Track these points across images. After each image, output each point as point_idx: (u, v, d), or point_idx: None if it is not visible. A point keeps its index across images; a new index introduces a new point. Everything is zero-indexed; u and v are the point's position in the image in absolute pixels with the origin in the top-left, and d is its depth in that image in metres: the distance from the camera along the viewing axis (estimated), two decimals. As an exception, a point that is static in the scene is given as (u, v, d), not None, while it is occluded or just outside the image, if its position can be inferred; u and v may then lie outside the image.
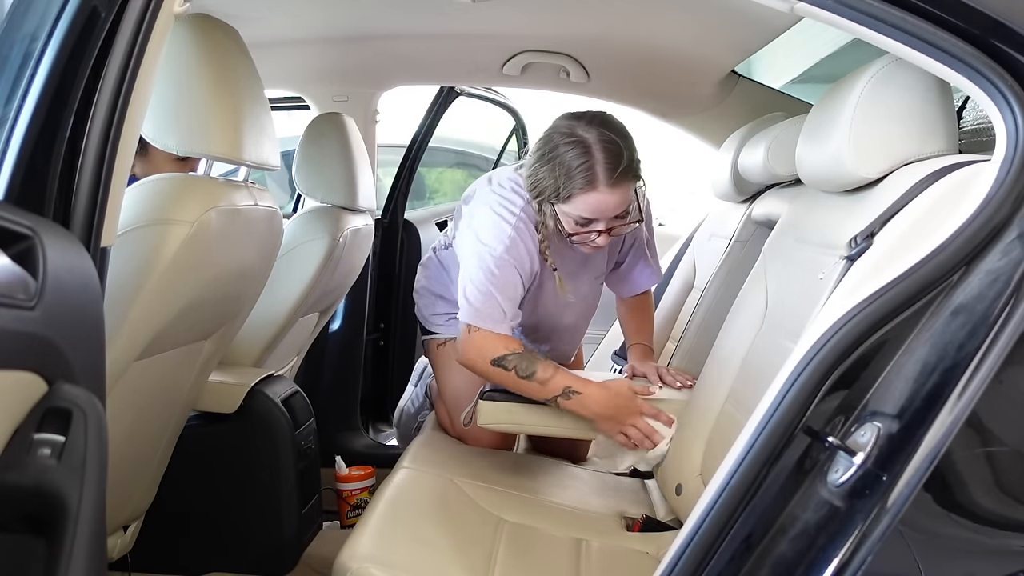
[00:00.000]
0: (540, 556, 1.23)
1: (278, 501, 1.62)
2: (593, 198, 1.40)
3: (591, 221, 1.44)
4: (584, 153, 1.39)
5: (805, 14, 0.85)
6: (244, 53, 1.20)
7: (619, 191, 1.41)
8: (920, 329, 0.78)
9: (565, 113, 1.48)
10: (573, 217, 1.45)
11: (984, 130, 1.24)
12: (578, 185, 1.39)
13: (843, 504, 0.75)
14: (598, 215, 1.43)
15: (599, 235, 1.46)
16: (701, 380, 1.45)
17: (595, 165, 1.38)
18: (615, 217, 1.46)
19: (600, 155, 1.38)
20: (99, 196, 0.76)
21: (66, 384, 0.64)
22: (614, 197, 1.41)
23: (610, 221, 1.46)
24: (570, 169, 1.39)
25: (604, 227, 1.45)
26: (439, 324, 1.82)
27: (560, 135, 1.43)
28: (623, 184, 1.40)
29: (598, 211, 1.43)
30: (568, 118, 1.46)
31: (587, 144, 1.39)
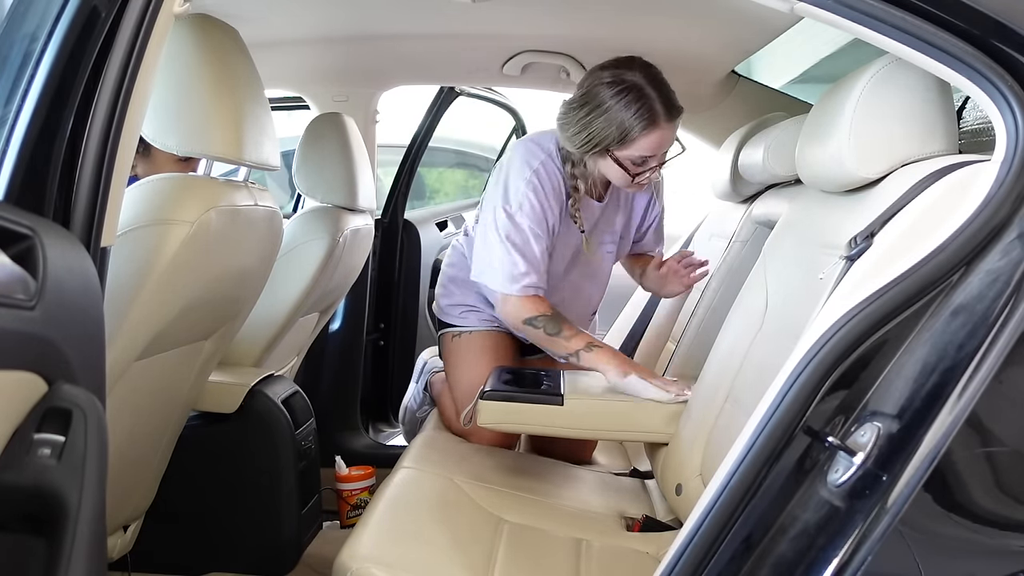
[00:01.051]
0: (540, 556, 1.23)
1: (278, 501, 1.62)
2: (655, 135, 1.48)
3: (647, 159, 1.52)
4: (640, 96, 1.46)
5: (805, 14, 0.85)
6: (244, 53, 1.20)
7: (675, 124, 1.50)
8: (920, 329, 0.78)
9: (599, 66, 1.53)
10: (633, 159, 1.52)
11: (984, 130, 1.24)
12: (641, 126, 1.46)
13: (843, 504, 0.75)
14: (657, 151, 1.52)
15: (653, 170, 1.55)
16: (701, 380, 1.45)
17: (654, 104, 1.46)
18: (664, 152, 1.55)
19: (655, 93, 1.46)
20: (99, 196, 0.76)
21: (66, 384, 0.64)
22: (671, 131, 1.50)
23: (663, 156, 1.55)
24: (628, 113, 1.46)
25: (657, 161, 1.54)
26: (454, 316, 1.82)
27: (606, 85, 1.48)
28: (676, 117, 1.50)
29: (659, 146, 1.51)
30: (608, 67, 1.50)
31: (639, 87, 1.46)
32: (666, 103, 1.47)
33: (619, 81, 1.47)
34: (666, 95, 1.48)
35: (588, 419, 1.50)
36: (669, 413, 1.48)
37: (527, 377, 1.63)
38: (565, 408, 1.48)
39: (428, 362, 2.07)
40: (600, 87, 1.48)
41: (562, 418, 1.48)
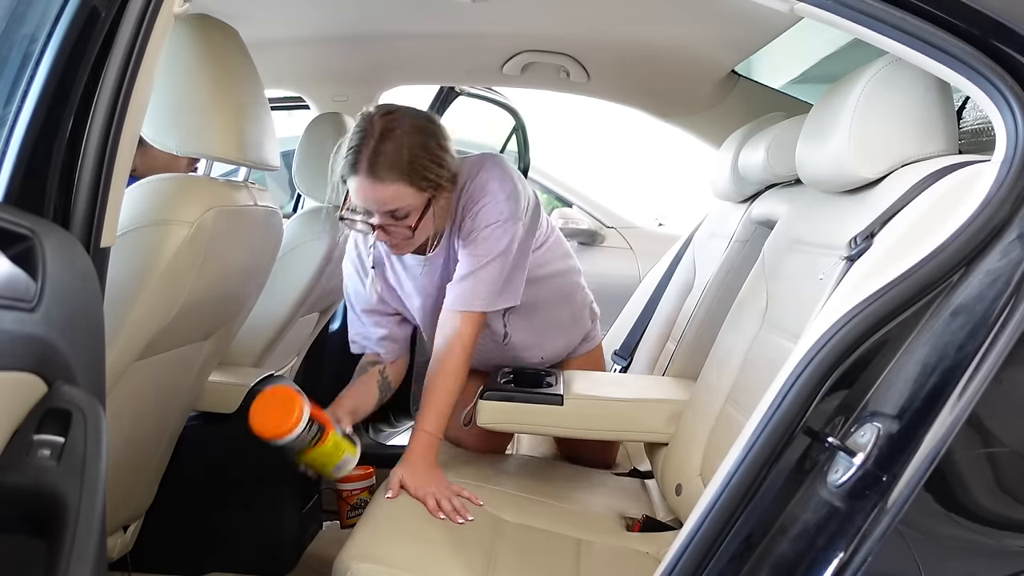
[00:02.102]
0: (540, 556, 1.23)
1: (278, 501, 1.62)
2: (353, 183, 1.33)
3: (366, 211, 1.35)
4: (362, 137, 1.32)
5: (805, 14, 0.85)
6: (244, 53, 1.20)
7: (380, 185, 1.31)
8: (920, 329, 0.78)
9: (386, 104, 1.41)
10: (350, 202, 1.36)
11: (984, 130, 1.23)
12: (347, 167, 1.33)
13: (843, 504, 0.75)
14: (363, 204, 1.34)
15: (372, 229, 1.35)
16: (701, 380, 1.45)
17: (362, 151, 1.31)
18: (390, 215, 1.34)
19: (372, 143, 1.31)
20: (99, 196, 0.76)
21: (66, 385, 0.64)
22: (373, 189, 1.31)
23: (384, 217, 1.34)
24: (347, 150, 1.33)
25: (377, 222, 1.34)
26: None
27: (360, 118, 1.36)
28: (385, 181, 1.30)
29: (361, 198, 1.33)
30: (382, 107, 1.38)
31: (370, 131, 1.32)
32: (372, 158, 1.30)
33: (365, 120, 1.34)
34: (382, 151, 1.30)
35: (588, 419, 1.50)
36: (669, 413, 1.48)
37: (527, 377, 1.64)
38: (565, 408, 1.48)
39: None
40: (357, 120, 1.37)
41: (562, 418, 1.48)
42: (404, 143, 1.32)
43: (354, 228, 1.40)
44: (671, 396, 1.53)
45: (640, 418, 1.50)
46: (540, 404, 1.48)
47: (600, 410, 1.51)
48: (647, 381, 1.84)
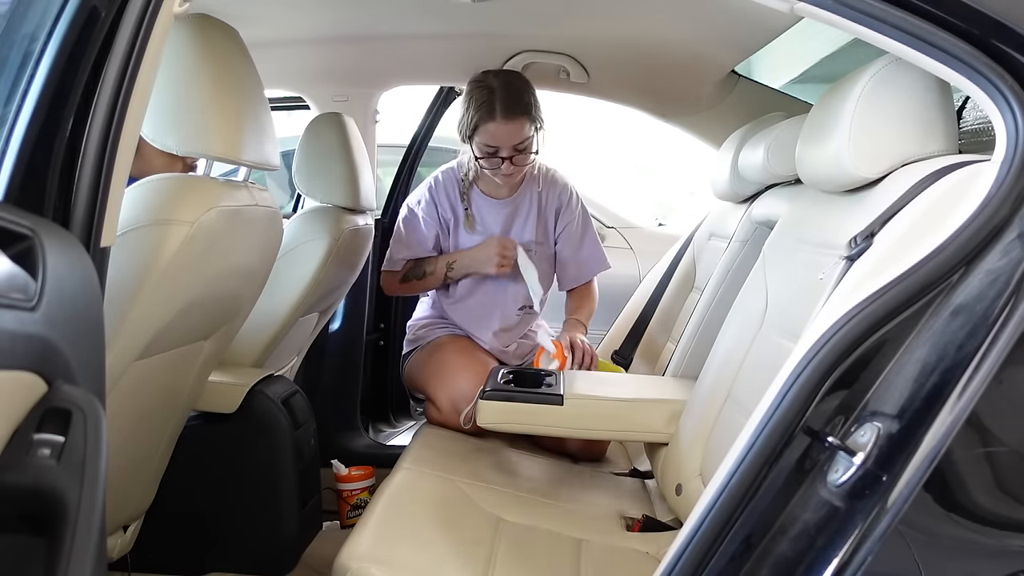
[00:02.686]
0: (540, 556, 1.23)
1: (278, 501, 1.62)
2: (492, 127, 1.79)
3: (495, 150, 1.82)
4: (487, 93, 1.79)
5: (805, 14, 0.85)
6: (244, 53, 1.20)
7: (513, 123, 1.79)
8: (920, 329, 0.78)
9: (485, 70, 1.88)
10: (481, 146, 1.83)
11: (984, 130, 1.24)
12: (482, 117, 1.79)
13: (843, 504, 0.75)
14: (498, 143, 1.81)
15: (503, 162, 1.83)
16: (701, 380, 1.45)
17: (495, 101, 1.78)
18: (515, 149, 1.82)
19: (500, 93, 1.78)
20: (99, 196, 0.76)
21: (66, 384, 0.64)
22: (508, 127, 1.79)
23: (511, 151, 1.82)
24: (477, 105, 1.80)
25: (506, 155, 1.82)
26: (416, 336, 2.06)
27: (473, 83, 1.84)
28: (517, 118, 1.79)
29: (497, 139, 1.80)
30: (483, 72, 1.86)
31: (491, 87, 1.80)
32: (507, 103, 1.77)
33: (480, 81, 1.82)
34: (509, 96, 1.78)
35: (588, 419, 1.50)
36: (669, 413, 1.48)
37: (527, 377, 1.64)
38: (565, 408, 1.48)
39: None
40: (470, 85, 1.85)
41: (562, 418, 1.49)
42: (524, 88, 1.83)
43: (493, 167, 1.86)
44: (671, 396, 1.53)
45: (640, 418, 1.50)
46: (540, 404, 1.48)
47: (600, 410, 1.51)
48: (647, 381, 1.84)
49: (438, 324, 2.06)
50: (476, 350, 1.97)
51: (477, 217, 1.99)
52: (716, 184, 2.02)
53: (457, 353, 1.91)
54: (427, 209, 1.99)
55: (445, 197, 1.99)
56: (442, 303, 2.06)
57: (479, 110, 1.79)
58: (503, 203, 1.99)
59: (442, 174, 2.02)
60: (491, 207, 1.99)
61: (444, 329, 2.04)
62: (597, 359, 1.90)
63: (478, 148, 1.84)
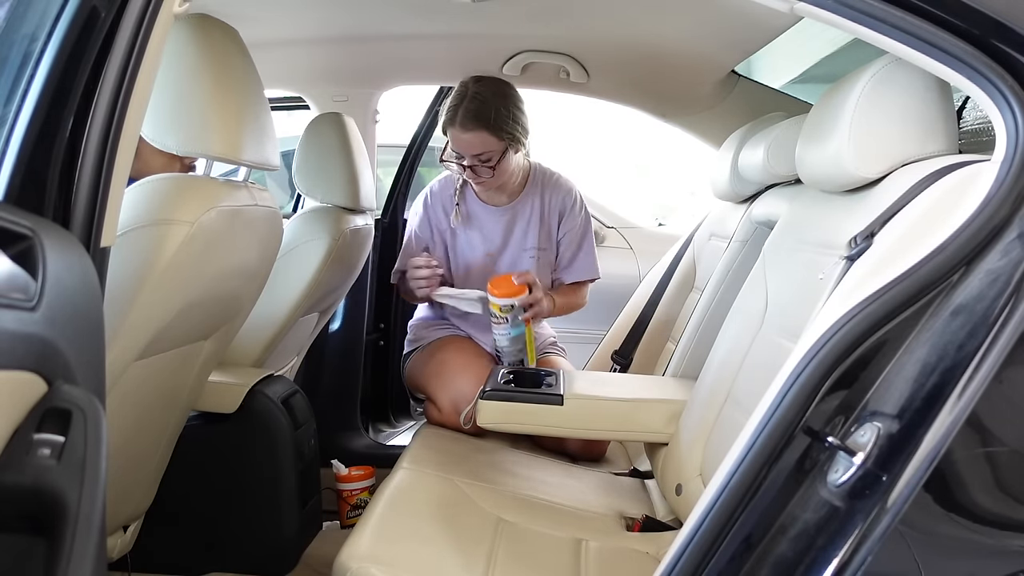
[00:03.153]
0: (540, 556, 1.23)
1: (278, 501, 1.62)
2: (453, 134, 1.82)
3: (458, 155, 1.83)
4: (459, 97, 1.81)
5: (805, 14, 0.85)
6: (244, 53, 1.20)
7: (470, 134, 1.78)
8: (920, 329, 0.78)
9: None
10: (449, 148, 1.86)
11: (984, 130, 1.24)
12: (447, 121, 1.82)
13: (843, 504, 0.75)
14: (461, 150, 1.82)
15: (464, 169, 1.84)
16: (701, 380, 1.45)
17: (459, 108, 1.79)
18: (477, 158, 1.81)
19: (467, 102, 1.78)
20: (99, 196, 0.76)
21: (66, 384, 0.64)
22: (466, 136, 1.79)
23: (472, 160, 1.82)
24: (449, 106, 1.82)
25: (467, 163, 1.83)
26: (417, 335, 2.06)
27: (459, 83, 1.85)
28: (475, 130, 1.78)
29: (456, 144, 1.83)
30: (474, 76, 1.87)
31: (465, 92, 1.81)
32: (467, 111, 1.77)
33: (463, 83, 1.83)
34: (474, 107, 1.77)
35: (588, 419, 1.50)
36: (669, 413, 1.48)
37: (527, 377, 1.64)
38: (565, 408, 1.48)
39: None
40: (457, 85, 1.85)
41: (562, 418, 1.49)
42: (496, 101, 1.80)
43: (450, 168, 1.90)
44: (671, 396, 1.53)
45: (640, 418, 1.50)
46: (540, 404, 1.48)
47: (600, 410, 1.51)
48: (647, 381, 1.84)
49: (439, 324, 2.06)
50: (477, 351, 1.97)
51: (477, 225, 1.98)
52: (716, 184, 2.02)
53: (458, 353, 1.91)
54: (420, 227, 2.01)
55: (440, 207, 2.00)
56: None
57: (448, 112, 1.81)
58: (502, 210, 1.99)
59: (438, 184, 2.03)
60: (490, 215, 1.99)
61: (445, 330, 2.04)
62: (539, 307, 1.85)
63: (449, 149, 1.88)
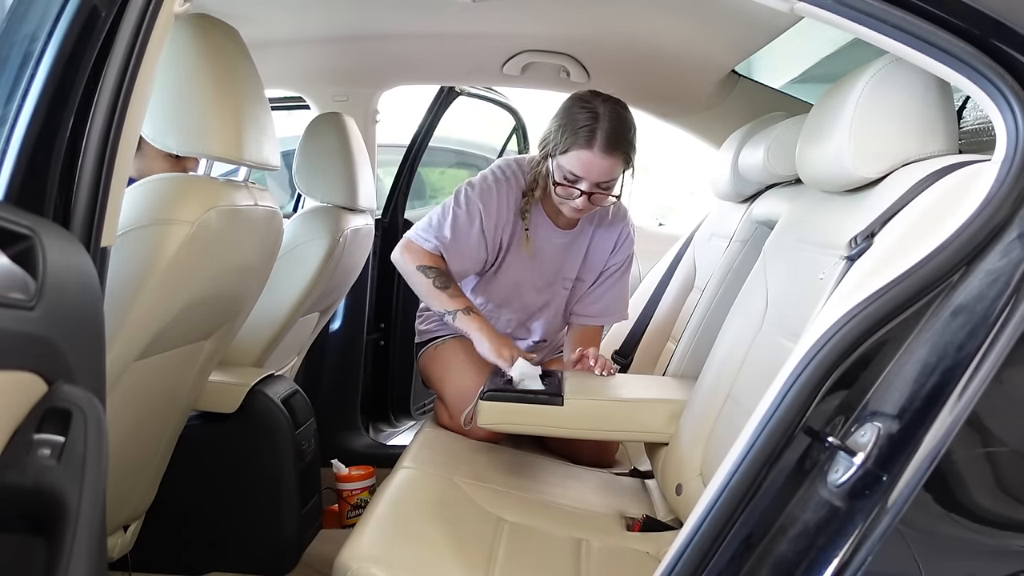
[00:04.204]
0: (540, 556, 1.23)
1: (278, 501, 1.62)
2: (585, 156, 1.61)
3: (577, 179, 1.64)
4: (592, 118, 1.61)
5: (805, 14, 0.85)
6: (244, 53, 1.20)
7: (609, 160, 1.61)
8: (920, 329, 0.78)
9: (591, 90, 1.69)
10: (565, 171, 1.65)
11: (984, 130, 1.24)
12: (578, 142, 1.61)
13: (843, 504, 0.75)
14: (584, 174, 1.63)
15: (580, 195, 1.65)
16: (701, 380, 1.45)
17: (597, 130, 1.60)
18: (598, 185, 1.65)
19: (605, 124, 1.60)
20: (99, 196, 0.76)
21: (66, 384, 0.64)
22: (603, 162, 1.61)
23: (592, 187, 1.65)
24: (576, 127, 1.61)
25: (587, 188, 1.65)
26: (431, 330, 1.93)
27: (578, 100, 1.65)
28: (614, 155, 1.61)
29: (586, 170, 1.62)
30: (590, 92, 1.68)
31: (597, 113, 1.61)
32: (609, 135, 1.60)
33: (587, 102, 1.63)
34: (615, 130, 1.60)
35: (588, 419, 1.50)
36: (669, 413, 1.48)
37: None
38: (565, 408, 1.48)
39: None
40: (574, 100, 1.66)
41: (562, 418, 1.48)
42: (630, 125, 1.65)
43: (567, 196, 1.68)
44: (671, 396, 1.53)
45: (640, 418, 1.50)
46: (540, 404, 1.48)
47: (600, 410, 1.51)
48: (647, 381, 1.84)
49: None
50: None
51: (534, 240, 1.80)
52: (716, 184, 2.02)
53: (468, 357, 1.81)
54: (488, 218, 1.74)
55: (510, 200, 1.76)
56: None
57: (577, 133, 1.60)
58: (563, 233, 1.82)
59: (512, 175, 1.77)
60: (551, 235, 1.81)
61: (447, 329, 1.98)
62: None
63: (559, 171, 1.65)
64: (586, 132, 1.60)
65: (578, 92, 1.68)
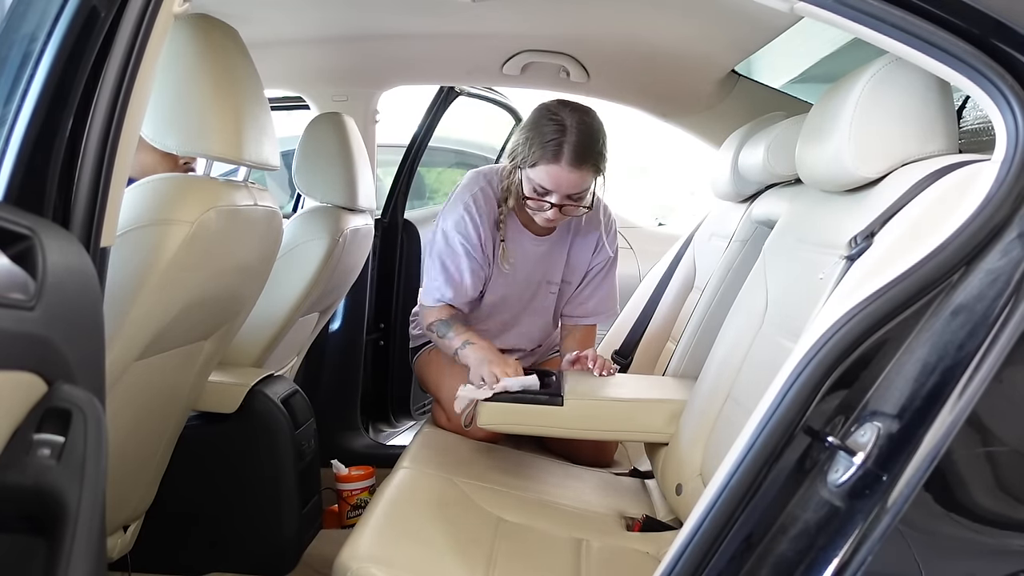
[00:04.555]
0: (540, 556, 1.23)
1: (278, 501, 1.62)
2: (554, 171, 1.60)
3: (547, 192, 1.63)
4: (558, 131, 1.59)
5: (805, 14, 0.85)
6: (244, 53, 1.20)
7: (577, 173, 1.60)
8: (920, 329, 0.78)
9: (556, 99, 1.68)
10: (534, 184, 1.64)
11: (984, 130, 1.24)
12: (546, 155, 1.59)
13: (843, 504, 0.75)
14: (554, 188, 1.62)
15: (551, 207, 1.65)
16: (701, 380, 1.45)
17: (564, 143, 1.58)
18: (568, 197, 1.64)
19: (572, 137, 1.58)
20: (99, 196, 0.76)
21: (66, 384, 0.64)
22: (571, 176, 1.60)
23: (563, 199, 1.64)
24: (543, 140, 1.59)
25: (556, 201, 1.64)
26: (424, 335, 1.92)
27: (546, 111, 1.63)
28: (582, 168, 1.60)
29: (554, 184, 1.61)
30: (557, 102, 1.66)
31: (565, 125, 1.59)
32: (577, 149, 1.58)
33: (555, 114, 1.61)
34: (582, 143, 1.58)
35: (588, 419, 1.50)
36: (669, 413, 1.48)
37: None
38: (565, 408, 1.48)
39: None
40: (542, 111, 1.64)
41: (562, 419, 1.49)
42: (599, 136, 1.63)
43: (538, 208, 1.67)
44: (671, 396, 1.53)
45: (640, 418, 1.50)
46: (540, 404, 1.48)
47: (600, 410, 1.51)
48: (647, 381, 1.84)
49: None
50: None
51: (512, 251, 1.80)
52: (716, 184, 2.02)
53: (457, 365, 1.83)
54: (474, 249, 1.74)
55: (487, 224, 1.76)
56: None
57: (544, 147, 1.59)
58: (540, 240, 1.82)
59: (480, 193, 1.75)
60: (528, 243, 1.81)
61: None
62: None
63: (528, 184, 1.65)
64: (553, 146, 1.58)
65: (545, 102, 1.67)
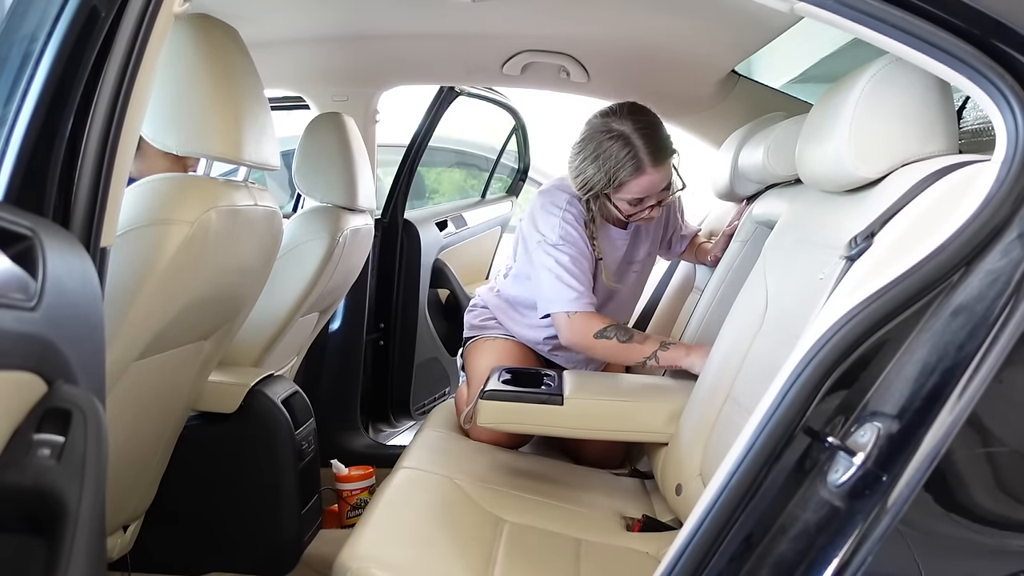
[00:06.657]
0: (540, 556, 1.23)
1: (278, 501, 1.62)
2: (644, 180, 1.63)
3: (642, 200, 1.67)
4: (626, 144, 1.60)
5: (805, 14, 0.85)
6: (244, 53, 1.20)
7: (662, 168, 1.63)
8: (920, 329, 0.78)
9: (597, 112, 1.68)
10: (627, 200, 1.67)
11: (984, 130, 1.24)
12: (628, 172, 1.61)
13: (843, 504, 0.75)
14: (648, 193, 1.66)
15: (651, 209, 1.70)
16: (701, 380, 1.45)
17: (638, 152, 1.60)
18: (661, 190, 1.68)
19: (640, 142, 1.60)
20: (99, 196, 0.76)
21: (66, 384, 0.64)
22: (659, 175, 1.64)
23: (658, 194, 1.68)
24: (617, 160, 1.60)
25: (654, 201, 1.69)
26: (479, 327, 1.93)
27: (600, 133, 1.63)
28: (664, 161, 1.63)
29: (648, 190, 1.65)
30: (602, 116, 1.66)
31: (626, 135, 1.60)
32: (653, 150, 1.60)
33: (609, 130, 1.61)
34: (654, 141, 1.61)
35: (588, 419, 1.50)
36: (669, 413, 1.48)
37: (527, 377, 1.64)
38: (565, 408, 1.48)
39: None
40: (595, 134, 1.63)
41: (562, 418, 1.49)
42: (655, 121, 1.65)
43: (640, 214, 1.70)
44: (671, 396, 1.53)
45: (640, 418, 1.50)
46: (540, 404, 1.48)
47: (600, 410, 1.51)
48: (647, 381, 1.84)
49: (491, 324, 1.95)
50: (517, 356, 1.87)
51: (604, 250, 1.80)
52: (716, 184, 2.02)
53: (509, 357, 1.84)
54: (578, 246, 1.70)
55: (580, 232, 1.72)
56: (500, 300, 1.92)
57: (622, 165, 1.59)
58: (623, 233, 1.84)
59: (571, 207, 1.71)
60: (616, 235, 1.83)
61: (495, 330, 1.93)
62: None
63: (622, 202, 1.67)
64: (630, 160, 1.59)
65: (589, 122, 1.66)
